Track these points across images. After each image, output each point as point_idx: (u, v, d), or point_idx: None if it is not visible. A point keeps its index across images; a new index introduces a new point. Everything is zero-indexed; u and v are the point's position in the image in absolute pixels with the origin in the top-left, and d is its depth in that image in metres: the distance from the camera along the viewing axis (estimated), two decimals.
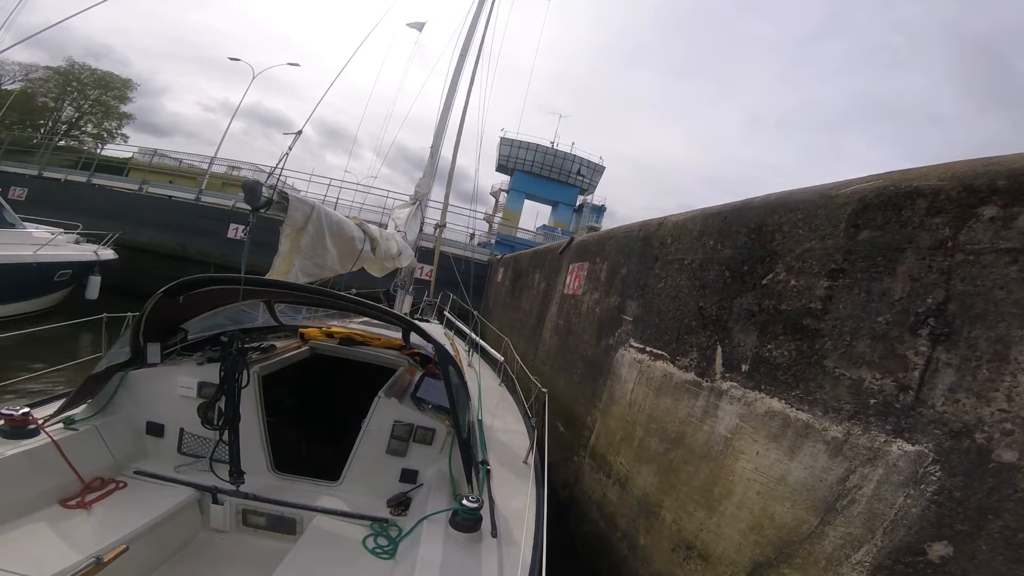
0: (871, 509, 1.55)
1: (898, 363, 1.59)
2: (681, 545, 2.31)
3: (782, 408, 1.97)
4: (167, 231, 13.18)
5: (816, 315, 1.92)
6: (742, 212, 2.53)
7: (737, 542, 2.01)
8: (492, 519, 1.95)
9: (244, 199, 2.64)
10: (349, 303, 2.61)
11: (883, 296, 1.68)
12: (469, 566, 1.74)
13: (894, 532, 1.48)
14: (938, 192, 1.58)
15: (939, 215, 1.55)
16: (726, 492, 2.14)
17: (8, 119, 24.02)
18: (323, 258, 3.27)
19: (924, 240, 1.58)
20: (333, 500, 2.30)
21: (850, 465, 1.65)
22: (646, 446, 2.85)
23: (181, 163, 20.62)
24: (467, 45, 7.45)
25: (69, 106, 30.20)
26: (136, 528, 1.88)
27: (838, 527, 1.64)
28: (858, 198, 1.84)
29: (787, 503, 1.84)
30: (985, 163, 1.51)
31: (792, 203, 2.18)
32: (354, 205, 16.75)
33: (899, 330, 1.60)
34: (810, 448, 1.81)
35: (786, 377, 1.99)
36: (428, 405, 2.62)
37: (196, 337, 2.78)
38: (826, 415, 1.78)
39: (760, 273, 2.26)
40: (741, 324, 2.32)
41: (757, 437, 2.05)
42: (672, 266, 3.09)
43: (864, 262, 1.77)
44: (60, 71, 29.16)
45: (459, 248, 13.78)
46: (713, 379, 2.42)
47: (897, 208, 1.69)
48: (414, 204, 6.10)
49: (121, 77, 31.98)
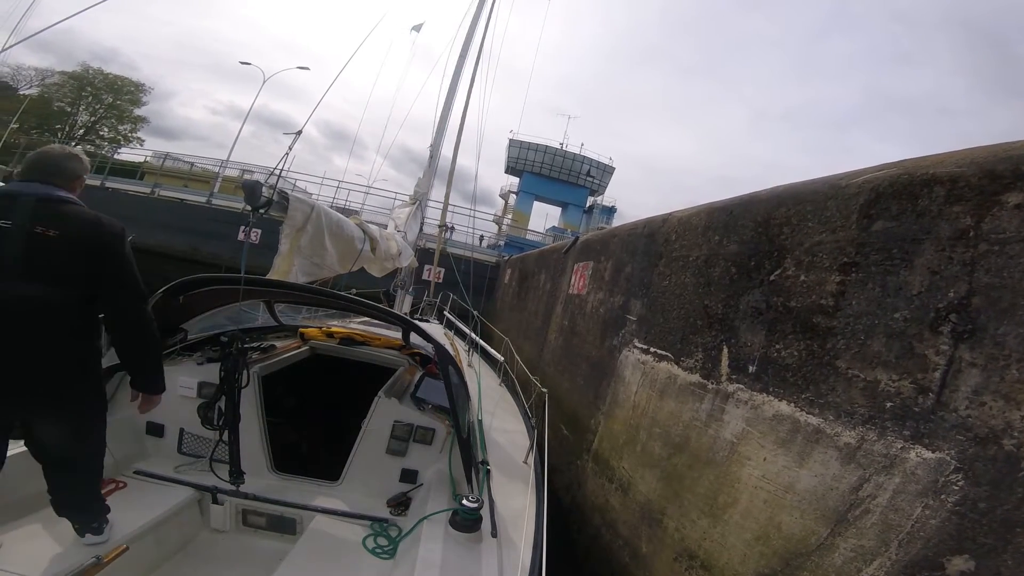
0: (886, 520, 1.44)
1: (917, 363, 1.47)
2: (684, 554, 2.21)
3: (791, 412, 1.86)
4: (179, 234, 13.37)
5: (827, 312, 1.81)
6: (748, 205, 2.42)
7: (742, 552, 1.90)
8: (492, 519, 1.93)
9: (244, 199, 2.65)
10: (349, 303, 2.60)
11: (900, 291, 1.57)
12: (469, 566, 1.72)
13: (910, 545, 1.37)
14: (957, 179, 1.47)
15: (959, 203, 1.44)
16: (731, 500, 2.03)
17: (26, 124, 24.60)
18: (323, 258, 3.26)
19: (943, 230, 1.47)
20: (333, 500, 2.29)
21: (864, 473, 1.54)
22: (649, 450, 2.75)
23: (193, 166, 20.92)
24: (467, 45, 7.42)
25: (85, 111, 30.84)
26: (136, 528, 1.87)
27: (849, 539, 1.53)
28: (871, 187, 1.73)
29: (795, 513, 1.73)
30: (1007, 148, 1.40)
31: (801, 195, 2.07)
32: (365, 208, 16.86)
33: (918, 327, 1.49)
34: (821, 455, 1.70)
35: (795, 379, 1.88)
36: (428, 405, 2.60)
37: (196, 337, 2.78)
38: (838, 419, 1.67)
39: (768, 269, 2.15)
40: (748, 323, 2.21)
41: (764, 442, 1.94)
42: (677, 263, 2.98)
43: (878, 255, 1.65)
44: (75, 76, 29.79)
45: (460, 248, 13.75)
46: (719, 381, 2.31)
47: (913, 197, 1.58)
48: (414, 204, 6.08)
49: (134, 81, 32.68)
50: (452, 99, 7.11)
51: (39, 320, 1.45)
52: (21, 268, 1.40)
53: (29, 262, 1.41)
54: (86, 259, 1.51)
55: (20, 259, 1.40)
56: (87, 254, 1.51)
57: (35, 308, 1.43)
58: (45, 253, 1.43)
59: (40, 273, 1.43)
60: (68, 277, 1.49)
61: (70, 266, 1.48)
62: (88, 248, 1.51)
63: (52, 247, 1.44)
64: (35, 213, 1.43)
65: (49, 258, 1.44)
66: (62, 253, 1.47)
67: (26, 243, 1.41)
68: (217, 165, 19.76)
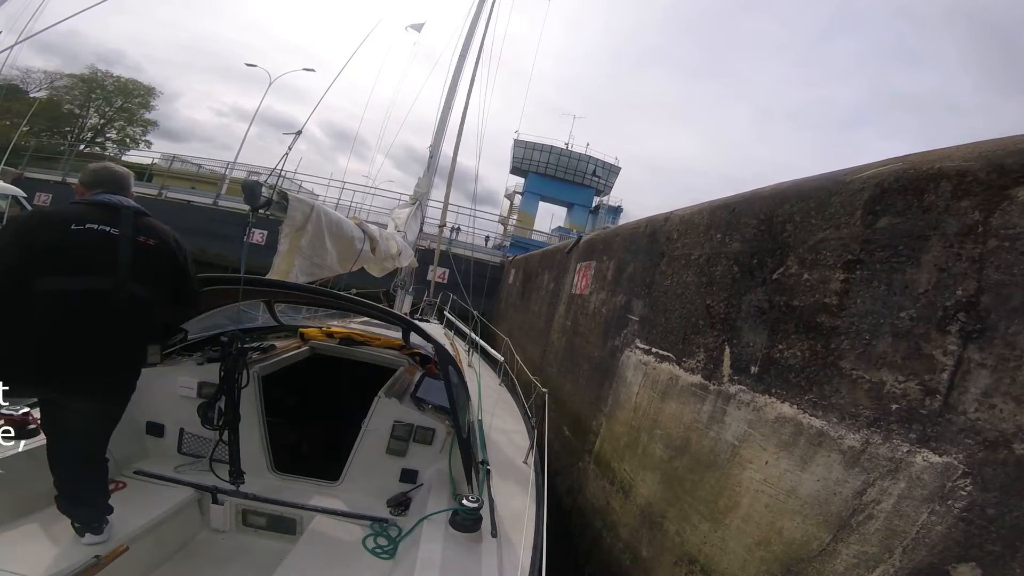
0: (890, 526, 1.40)
1: (924, 364, 1.43)
2: (684, 559, 2.16)
3: (794, 414, 1.81)
4: (186, 235, 13.10)
5: (831, 311, 1.76)
6: (751, 203, 2.37)
7: (742, 558, 1.86)
8: (492, 519, 1.93)
9: (244, 199, 2.65)
10: (349, 303, 2.60)
11: (906, 289, 1.52)
12: (469, 566, 1.72)
13: (915, 551, 1.32)
14: (964, 173, 1.42)
15: (967, 198, 1.39)
16: (732, 504, 1.99)
17: (36, 126, 24.87)
18: (323, 258, 3.25)
19: (951, 226, 1.42)
20: (333, 500, 2.28)
21: (868, 477, 1.49)
22: (650, 453, 2.70)
23: (200, 168, 21.08)
24: (467, 45, 7.42)
25: (95, 113, 31.13)
26: (136, 528, 1.87)
27: (852, 545, 1.48)
28: (875, 183, 1.68)
29: (797, 517, 1.68)
30: (1015, 141, 1.35)
31: (804, 191, 2.02)
32: (371, 209, 16.89)
33: (925, 327, 1.44)
34: (824, 458, 1.65)
35: (798, 380, 1.84)
36: (428, 405, 2.59)
37: (196, 337, 2.78)
38: (842, 422, 1.62)
39: (770, 267, 2.11)
40: (750, 322, 2.17)
41: (766, 445, 1.90)
42: (678, 262, 2.94)
43: (884, 252, 1.60)
44: (84, 79, 30.06)
45: (464, 248, 13.74)
46: (720, 382, 2.27)
47: (919, 192, 1.53)
48: (414, 204, 6.07)
49: (144, 84, 32.93)
50: (452, 99, 7.11)
51: (139, 315, 1.70)
52: (129, 271, 1.64)
53: (135, 267, 1.66)
54: (171, 265, 1.82)
55: (130, 264, 1.65)
56: (172, 261, 1.83)
57: (140, 305, 1.68)
58: (146, 259, 1.71)
59: (143, 276, 1.69)
60: (160, 278, 1.78)
61: (162, 270, 1.79)
62: (174, 256, 1.83)
63: (151, 255, 1.73)
64: (136, 224, 1.71)
65: (149, 263, 1.72)
66: (159, 260, 1.77)
67: (133, 250, 1.67)
68: (224, 167, 19.90)
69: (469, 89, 7.96)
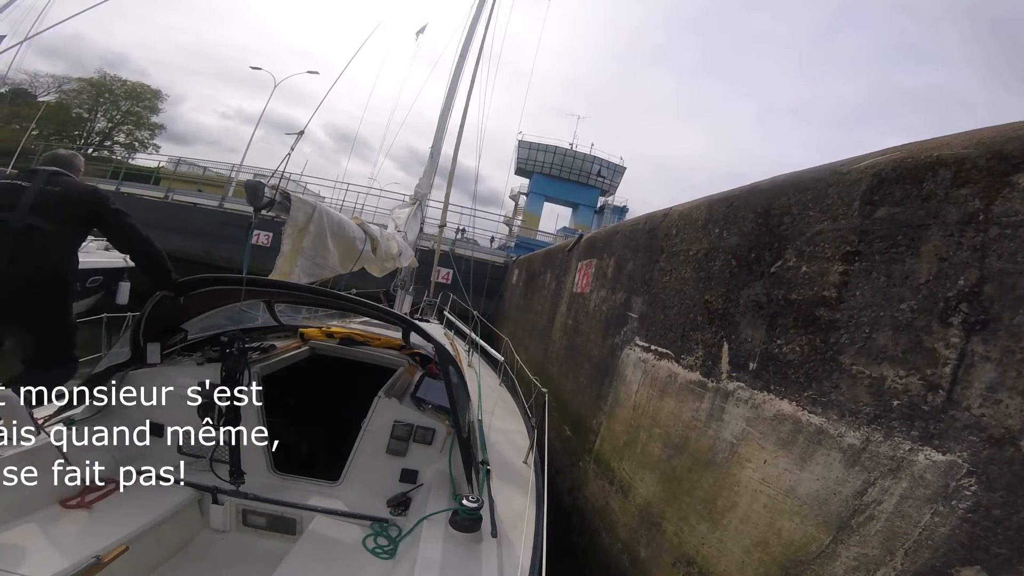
0: (891, 527, 1.35)
1: (926, 358, 1.37)
2: (682, 560, 2.12)
3: (793, 411, 1.77)
4: (192, 238, 13.53)
5: (830, 304, 1.71)
6: (749, 196, 2.32)
7: (740, 559, 1.81)
8: (492, 519, 1.91)
9: (247, 199, 2.65)
10: (349, 303, 2.59)
11: (906, 280, 1.47)
12: (469, 566, 1.70)
13: (917, 554, 1.27)
14: (963, 161, 1.37)
15: (966, 186, 1.34)
16: (730, 504, 1.94)
17: (44, 130, 25.13)
18: (324, 258, 3.24)
19: (951, 215, 1.37)
20: (333, 500, 2.27)
21: (868, 477, 1.44)
22: (649, 452, 2.66)
23: (205, 171, 21.23)
24: (467, 46, 7.39)
25: (102, 117, 31.42)
26: (136, 528, 1.87)
27: (852, 546, 1.43)
28: (872, 172, 1.63)
29: (796, 518, 1.63)
30: (1015, 128, 1.30)
31: (801, 183, 1.97)
32: (378, 211, 16.93)
33: (926, 319, 1.39)
34: (823, 457, 1.60)
35: (797, 376, 1.79)
36: (428, 405, 2.58)
37: (196, 337, 2.78)
38: (842, 419, 1.57)
39: (768, 260, 2.06)
40: (748, 317, 2.12)
41: (765, 443, 1.85)
42: (677, 258, 2.89)
43: (883, 243, 1.55)
44: (92, 82, 30.35)
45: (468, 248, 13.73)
46: (719, 379, 2.22)
47: (918, 181, 1.48)
48: (414, 204, 6.05)
49: (152, 88, 33.19)
50: (453, 99, 7.09)
51: (38, 239, 2.12)
52: (29, 209, 2.11)
53: (35, 206, 2.13)
54: (78, 207, 2.25)
55: (31, 204, 2.12)
56: (79, 204, 2.26)
57: (37, 232, 2.12)
58: (50, 201, 2.17)
59: (41, 212, 2.13)
60: (62, 216, 2.19)
61: (67, 211, 2.22)
62: (82, 200, 2.27)
63: (55, 198, 2.18)
64: (48, 179, 2.21)
65: (49, 204, 2.16)
66: (62, 203, 2.20)
67: (36, 194, 2.15)
68: (229, 169, 20.02)
69: (469, 89, 7.96)
